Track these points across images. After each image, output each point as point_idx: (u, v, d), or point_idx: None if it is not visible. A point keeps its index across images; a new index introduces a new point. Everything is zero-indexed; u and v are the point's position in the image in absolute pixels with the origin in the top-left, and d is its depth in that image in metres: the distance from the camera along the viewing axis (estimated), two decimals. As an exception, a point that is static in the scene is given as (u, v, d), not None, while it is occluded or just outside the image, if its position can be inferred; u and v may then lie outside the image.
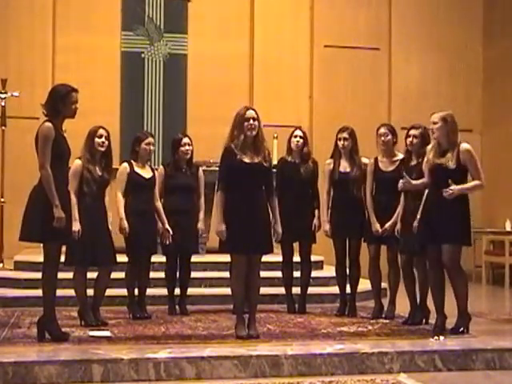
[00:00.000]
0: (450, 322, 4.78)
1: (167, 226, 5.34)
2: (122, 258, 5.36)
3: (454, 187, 4.55)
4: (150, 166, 5.52)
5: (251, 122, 4.49)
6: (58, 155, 4.28)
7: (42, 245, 4.41)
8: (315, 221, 5.69)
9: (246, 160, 4.49)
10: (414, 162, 5.14)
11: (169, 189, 5.53)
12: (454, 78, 9.65)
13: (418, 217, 4.93)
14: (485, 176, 4.72)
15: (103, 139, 4.95)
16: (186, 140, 5.61)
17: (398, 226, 5.18)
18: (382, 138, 5.42)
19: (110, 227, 5.04)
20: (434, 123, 4.66)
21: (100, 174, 4.95)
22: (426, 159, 4.81)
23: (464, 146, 4.64)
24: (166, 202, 5.54)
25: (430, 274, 4.76)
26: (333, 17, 9.38)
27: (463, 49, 9.71)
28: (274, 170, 5.43)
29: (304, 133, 5.82)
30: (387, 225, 5.29)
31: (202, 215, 5.61)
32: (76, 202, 4.81)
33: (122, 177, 5.32)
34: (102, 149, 4.96)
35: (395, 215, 5.25)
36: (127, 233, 5.18)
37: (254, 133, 4.50)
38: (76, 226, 4.72)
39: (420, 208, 4.93)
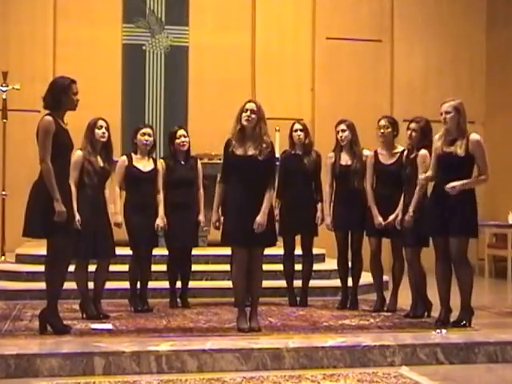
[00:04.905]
0: (453, 316, 4.77)
1: (162, 221, 5.33)
2: (125, 251, 5.36)
3: (456, 183, 4.53)
4: (153, 158, 5.50)
5: (248, 113, 4.48)
6: (59, 149, 4.27)
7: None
8: (318, 213, 5.68)
9: (238, 152, 4.48)
10: (413, 155, 5.12)
11: (169, 183, 5.51)
12: (457, 70, 9.60)
13: (410, 209, 4.93)
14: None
15: (103, 130, 4.95)
16: (180, 132, 5.58)
17: (400, 216, 5.15)
18: (382, 131, 5.40)
19: (110, 219, 5.05)
20: (447, 112, 4.62)
21: (101, 165, 4.95)
22: (433, 148, 4.79)
23: (474, 136, 4.63)
24: (167, 196, 5.52)
25: (437, 265, 4.73)
26: (335, 9, 9.32)
27: (466, 39, 9.65)
28: (277, 163, 5.42)
29: (304, 125, 5.81)
30: (391, 218, 5.25)
31: (201, 207, 5.60)
32: (76, 193, 4.80)
33: (120, 170, 5.32)
34: (103, 139, 4.95)
35: (399, 208, 5.22)
36: (120, 227, 5.18)
37: (251, 125, 4.48)
38: (75, 217, 4.70)
39: (413, 202, 4.92)
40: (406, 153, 5.23)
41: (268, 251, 4.70)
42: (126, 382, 3.72)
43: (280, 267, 5.91)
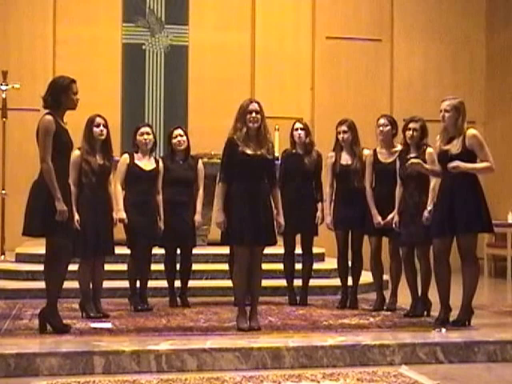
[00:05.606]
0: (453, 315, 4.78)
1: (161, 222, 5.33)
2: (123, 250, 5.36)
3: (459, 162, 4.51)
4: (155, 158, 5.49)
5: (254, 114, 4.49)
6: (60, 148, 4.27)
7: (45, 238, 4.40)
8: (318, 213, 5.68)
9: (249, 152, 4.49)
10: (412, 154, 5.12)
11: (167, 181, 5.51)
12: (457, 69, 9.61)
13: (429, 208, 4.91)
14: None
15: (101, 127, 4.94)
16: (177, 131, 5.58)
17: (396, 218, 5.16)
18: (381, 129, 5.40)
19: (114, 217, 5.06)
20: (446, 111, 4.62)
21: (101, 162, 4.94)
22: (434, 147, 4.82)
23: (471, 131, 4.63)
24: (164, 195, 5.52)
25: (436, 266, 4.73)
26: (335, 8, 9.33)
27: (466, 39, 9.67)
28: (278, 162, 5.42)
29: (304, 124, 5.82)
30: (389, 217, 5.26)
31: (199, 207, 5.59)
32: (75, 193, 4.80)
33: (122, 168, 5.33)
34: (102, 137, 4.95)
35: (396, 208, 5.21)
36: (126, 223, 5.18)
37: (256, 125, 4.50)
38: (74, 216, 4.69)
39: (430, 198, 4.93)
40: (403, 153, 5.22)
41: (268, 250, 4.70)
42: (125, 381, 3.71)
43: (280, 266, 5.91)
